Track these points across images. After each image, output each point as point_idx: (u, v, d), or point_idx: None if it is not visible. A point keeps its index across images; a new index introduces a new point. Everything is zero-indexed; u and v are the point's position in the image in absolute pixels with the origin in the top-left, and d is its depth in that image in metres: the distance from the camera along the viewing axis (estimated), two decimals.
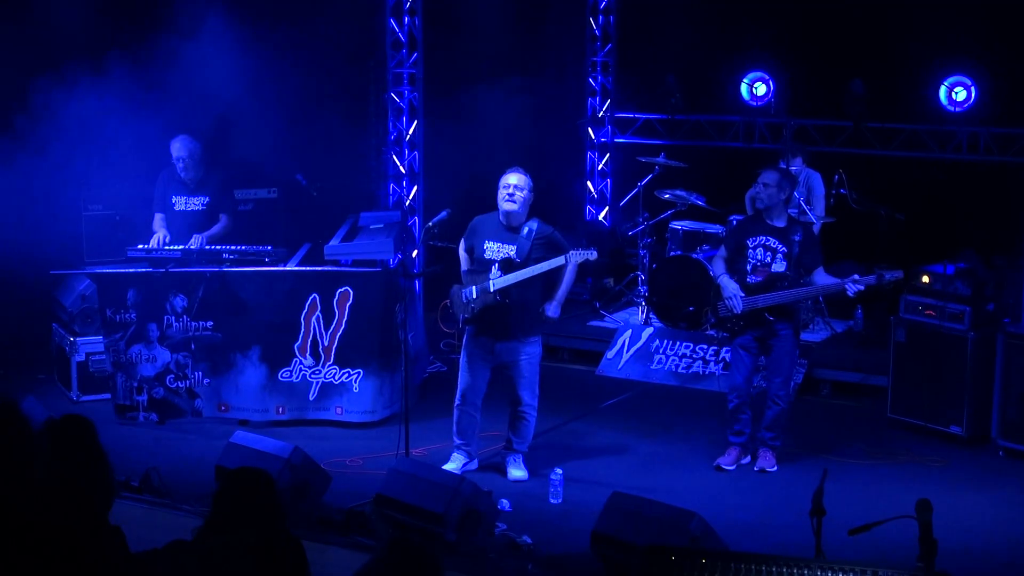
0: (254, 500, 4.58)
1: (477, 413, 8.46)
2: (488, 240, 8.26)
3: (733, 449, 8.65)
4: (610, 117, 14.15)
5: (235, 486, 4.65)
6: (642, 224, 11.72)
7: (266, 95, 10.83)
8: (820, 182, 11.34)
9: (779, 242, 8.42)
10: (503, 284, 8.08)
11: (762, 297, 8.36)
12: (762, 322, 8.41)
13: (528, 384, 8.34)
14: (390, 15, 11.74)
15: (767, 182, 8.49)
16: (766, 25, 12.50)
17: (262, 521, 4.54)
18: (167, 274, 9.38)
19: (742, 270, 8.50)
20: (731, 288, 8.43)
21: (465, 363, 8.41)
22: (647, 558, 4.60)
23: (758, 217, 8.67)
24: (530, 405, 8.39)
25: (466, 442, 8.48)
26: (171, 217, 9.87)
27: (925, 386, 9.27)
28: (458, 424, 8.48)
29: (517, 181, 8.23)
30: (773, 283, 8.36)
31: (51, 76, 9.61)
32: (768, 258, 8.44)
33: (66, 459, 4.63)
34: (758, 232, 8.51)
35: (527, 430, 8.45)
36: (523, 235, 8.21)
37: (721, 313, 8.52)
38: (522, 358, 8.29)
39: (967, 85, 11.61)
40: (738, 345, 8.57)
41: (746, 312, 8.40)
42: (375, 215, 10.26)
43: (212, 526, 4.59)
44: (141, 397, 9.45)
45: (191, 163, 9.80)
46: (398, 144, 12.02)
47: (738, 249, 8.57)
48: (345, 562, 5.70)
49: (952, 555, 5.69)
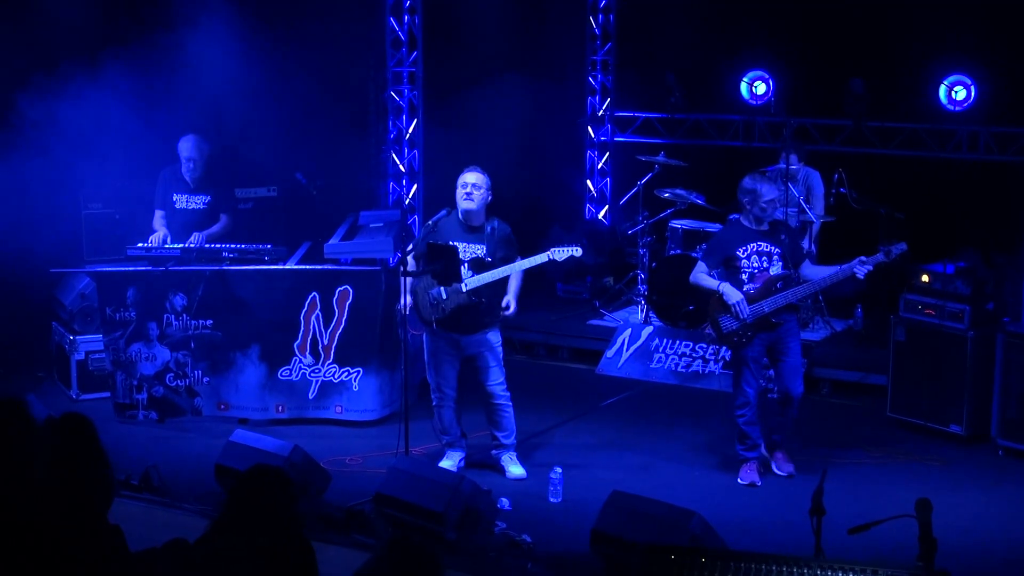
0: (268, 502, 4.55)
1: (455, 404, 8.47)
2: (453, 240, 8.24)
3: (752, 464, 8.35)
4: (610, 116, 14.14)
5: (249, 486, 4.62)
6: (642, 223, 11.72)
7: (266, 93, 10.84)
8: (819, 181, 11.34)
9: (772, 244, 8.20)
10: (476, 284, 8.09)
11: (768, 301, 8.10)
12: (769, 327, 8.17)
13: (498, 370, 8.36)
14: (390, 14, 11.75)
15: (773, 197, 8.23)
16: (766, 24, 12.50)
17: (275, 524, 4.51)
18: (167, 272, 9.38)
19: (737, 280, 8.19)
20: (735, 295, 8.10)
21: (432, 361, 8.41)
22: (647, 557, 4.60)
23: (740, 225, 8.34)
24: (503, 395, 8.40)
25: (451, 436, 8.50)
26: (171, 215, 9.87)
27: (925, 385, 9.27)
28: (441, 422, 8.49)
29: (475, 180, 8.22)
30: (771, 286, 8.15)
31: (51, 75, 9.62)
32: (765, 263, 8.19)
33: (66, 458, 4.63)
34: (747, 240, 8.22)
35: (508, 421, 8.44)
36: (488, 233, 8.22)
37: (724, 327, 8.20)
38: (487, 348, 8.32)
39: (967, 84, 11.61)
40: (748, 359, 8.24)
41: (755, 319, 8.11)
42: (375, 214, 10.26)
43: (220, 527, 4.57)
44: (141, 396, 9.45)
45: (200, 164, 9.80)
46: (398, 143, 12.02)
47: (726, 263, 8.25)
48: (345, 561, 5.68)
49: (952, 554, 5.69)
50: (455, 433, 8.53)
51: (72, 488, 4.55)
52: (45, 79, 9.53)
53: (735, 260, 8.22)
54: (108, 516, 4.70)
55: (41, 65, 9.72)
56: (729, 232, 8.51)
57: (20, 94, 9.55)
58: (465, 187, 8.22)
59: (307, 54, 11.18)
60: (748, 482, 8.29)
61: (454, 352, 8.35)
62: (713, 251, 8.43)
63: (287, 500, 4.58)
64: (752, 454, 8.38)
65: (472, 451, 8.63)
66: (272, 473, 4.69)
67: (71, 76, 9.57)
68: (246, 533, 4.47)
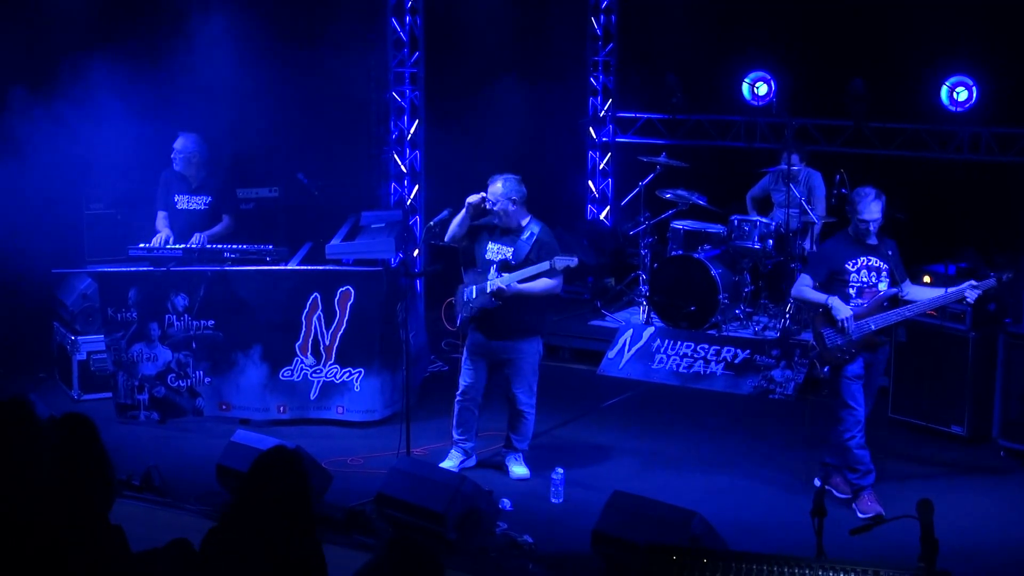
0: (283, 485, 4.54)
1: (477, 409, 8.48)
2: (491, 241, 8.29)
3: (870, 492, 7.77)
4: (611, 116, 14.15)
5: (266, 463, 4.61)
6: (643, 223, 11.72)
7: (267, 94, 10.84)
8: (821, 182, 11.35)
9: (881, 260, 7.82)
10: (496, 286, 8.10)
11: (876, 319, 7.73)
12: (872, 346, 7.80)
13: (523, 382, 8.34)
14: (391, 14, 11.74)
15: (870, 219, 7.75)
16: (767, 25, 12.50)
17: (288, 511, 4.52)
18: (168, 273, 9.38)
19: (844, 295, 7.81)
20: (845, 311, 7.69)
21: (466, 360, 8.45)
22: (648, 557, 4.60)
23: (847, 237, 7.94)
24: (527, 403, 8.39)
25: (465, 437, 8.50)
26: (174, 216, 9.86)
27: (926, 386, 9.27)
28: (459, 417, 8.50)
29: (492, 190, 8.23)
30: (881, 303, 7.78)
31: (52, 75, 9.62)
32: (874, 278, 7.82)
33: (67, 458, 4.62)
34: (858, 254, 7.83)
35: (526, 428, 8.46)
36: (523, 238, 8.22)
37: (829, 341, 7.79)
38: (518, 356, 8.30)
39: (968, 85, 11.61)
40: (852, 376, 7.76)
41: (860, 336, 7.73)
42: (376, 214, 10.26)
43: (231, 518, 4.57)
44: (142, 396, 9.45)
45: (188, 159, 9.74)
46: (399, 143, 12.02)
47: (834, 275, 7.87)
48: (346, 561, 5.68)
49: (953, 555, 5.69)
50: (468, 437, 8.52)
51: (73, 488, 4.55)
52: (46, 79, 9.53)
53: (843, 274, 7.85)
54: (109, 516, 4.70)
55: (43, 65, 9.71)
56: (837, 244, 8.07)
57: (21, 93, 9.55)
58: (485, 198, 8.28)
59: (309, 55, 11.18)
60: (873, 514, 7.59)
61: (485, 355, 8.36)
62: (819, 263, 8.12)
63: (301, 485, 4.59)
64: (868, 480, 7.79)
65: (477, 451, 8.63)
66: (290, 454, 4.70)
67: (72, 76, 9.58)
68: (258, 521, 4.47)
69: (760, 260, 11.25)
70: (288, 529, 4.50)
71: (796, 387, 10.24)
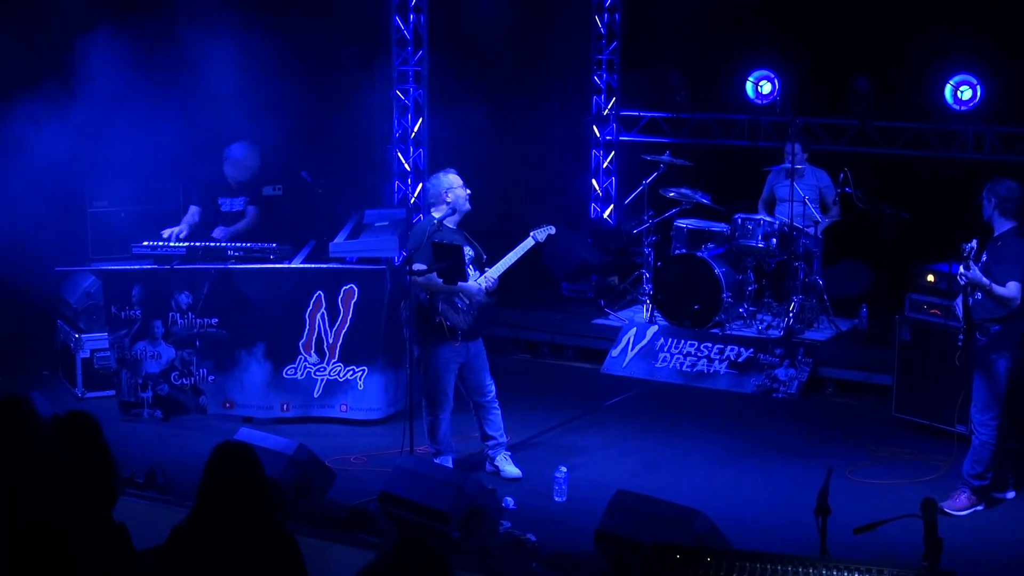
0: (236, 480, 4.59)
1: (451, 416, 8.48)
2: (464, 246, 8.29)
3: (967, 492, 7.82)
4: (615, 115, 14.13)
5: (215, 465, 4.66)
6: (647, 222, 11.71)
7: (271, 92, 10.82)
8: (830, 181, 11.33)
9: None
10: (497, 273, 8.17)
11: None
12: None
13: (488, 369, 8.45)
14: (395, 13, 11.76)
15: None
16: (771, 23, 12.48)
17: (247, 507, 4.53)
18: (172, 271, 9.39)
19: None
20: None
21: (442, 373, 8.31)
22: (652, 556, 4.59)
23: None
24: (493, 392, 8.46)
25: (445, 447, 8.48)
26: (215, 218, 9.86)
27: (930, 385, 9.25)
28: (445, 433, 8.44)
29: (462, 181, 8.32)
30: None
31: (55, 72, 9.61)
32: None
33: (70, 456, 4.63)
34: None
35: (500, 419, 8.50)
36: (467, 234, 8.36)
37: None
38: (481, 350, 8.42)
39: (973, 84, 11.58)
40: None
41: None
42: (380, 213, 10.26)
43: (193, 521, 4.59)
44: (146, 394, 9.47)
45: (245, 168, 9.87)
46: (403, 142, 12.03)
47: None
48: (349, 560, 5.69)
49: (957, 554, 5.69)
50: (449, 444, 8.50)
51: (77, 486, 4.55)
52: (49, 77, 9.52)
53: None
54: (113, 514, 4.71)
55: (45, 63, 9.71)
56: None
57: (24, 92, 9.55)
58: (465, 188, 8.25)
59: (313, 53, 11.18)
60: (973, 509, 7.75)
61: (459, 361, 8.37)
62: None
63: (256, 476, 4.60)
64: (986, 481, 7.81)
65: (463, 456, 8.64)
66: (239, 448, 4.72)
67: (76, 73, 9.58)
68: (218, 519, 4.50)
69: (764, 259, 11.24)
70: (249, 522, 4.52)
71: (799, 386, 10.24)
